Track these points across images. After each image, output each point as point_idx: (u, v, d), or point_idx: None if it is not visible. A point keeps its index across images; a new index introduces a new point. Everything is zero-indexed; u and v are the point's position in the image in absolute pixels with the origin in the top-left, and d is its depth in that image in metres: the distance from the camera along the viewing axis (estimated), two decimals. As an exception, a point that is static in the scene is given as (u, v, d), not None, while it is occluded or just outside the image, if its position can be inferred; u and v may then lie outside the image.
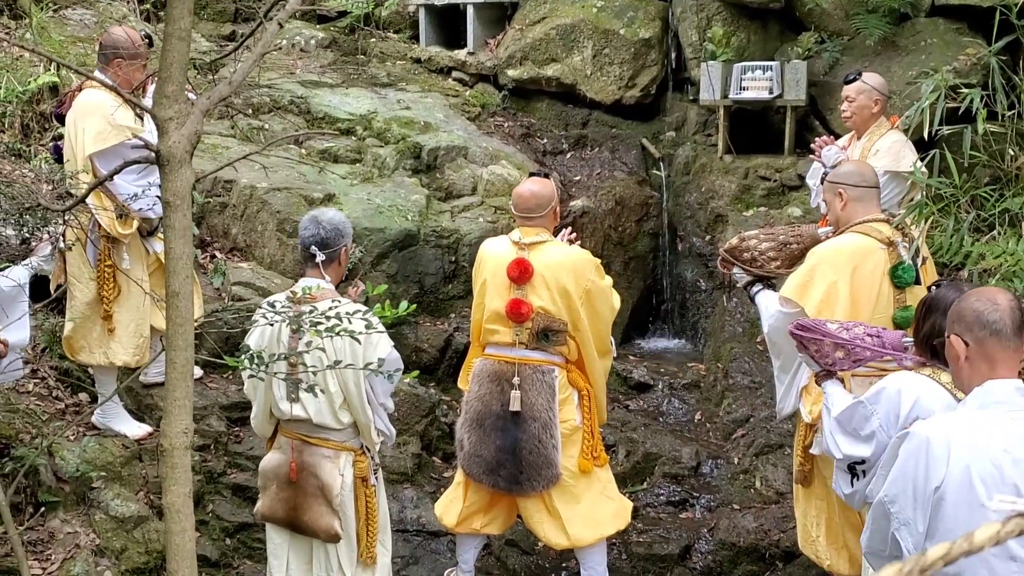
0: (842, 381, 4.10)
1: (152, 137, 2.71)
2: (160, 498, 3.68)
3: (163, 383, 2.56)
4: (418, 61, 9.73)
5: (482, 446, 4.98)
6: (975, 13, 7.43)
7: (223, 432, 5.96)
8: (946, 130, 5.13)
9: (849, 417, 3.67)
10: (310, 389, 3.57)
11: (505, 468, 4.94)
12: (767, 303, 4.75)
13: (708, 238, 8.25)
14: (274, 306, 3.79)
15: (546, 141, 9.00)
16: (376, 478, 4.53)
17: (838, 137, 6.42)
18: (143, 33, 5.53)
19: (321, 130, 8.10)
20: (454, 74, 9.58)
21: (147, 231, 5.47)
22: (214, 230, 7.34)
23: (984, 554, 2.76)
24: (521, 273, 4.89)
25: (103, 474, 5.34)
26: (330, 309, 3.34)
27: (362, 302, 4.33)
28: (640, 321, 8.52)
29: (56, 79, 7.35)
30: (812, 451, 4.56)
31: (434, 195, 7.79)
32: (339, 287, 4.48)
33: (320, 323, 3.20)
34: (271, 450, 4.53)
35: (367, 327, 3.30)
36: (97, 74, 5.19)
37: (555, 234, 5.13)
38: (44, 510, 5.17)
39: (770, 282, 4.97)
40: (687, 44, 8.71)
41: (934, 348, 3.51)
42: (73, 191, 4.79)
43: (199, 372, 6.18)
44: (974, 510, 2.69)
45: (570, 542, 5.03)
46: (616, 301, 5.17)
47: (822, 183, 5.50)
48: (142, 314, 5.56)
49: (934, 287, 3.76)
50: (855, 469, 3.72)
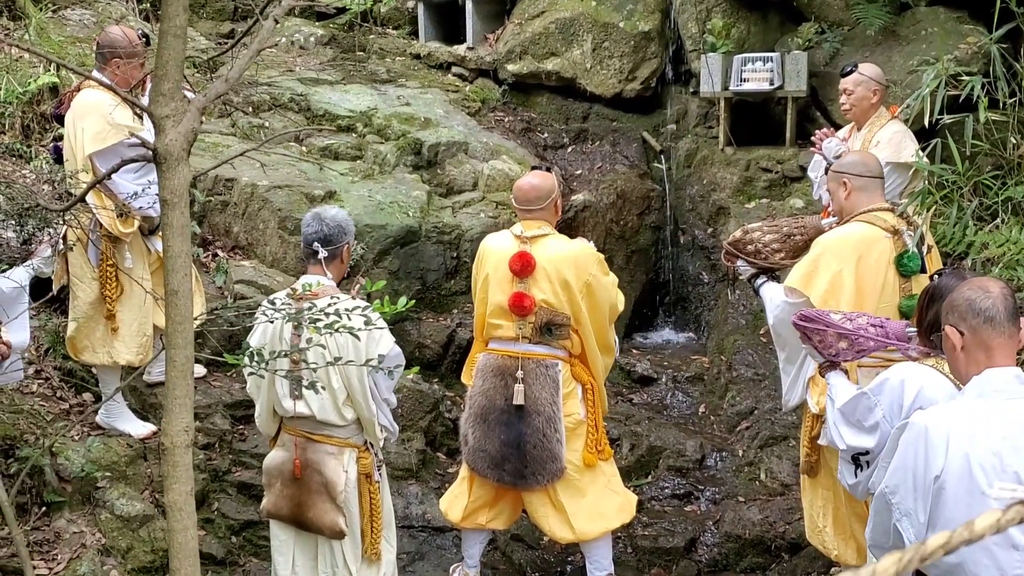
0: (847, 372, 4.09)
1: (151, 135, 2.71)
2: (165, 497, 3.70)
3: (165, 382, 2.57)
4: (417, 57, 9.73)
5: (486, 441, 4.99)
6: (975, 1, 7.40)
7: (227, 430, 5.97)
8: (947, 119, 5.12)
9: (853, 408, 3.66)
10: (311, 386, 3.57)
11: (510, 462, 4.95)
12: (772, 295, 4.74)
13: (710, 231, 8.24)
14: (274, 304, 3.79)
15: (547, 135, 8.99)
16: (380, 474, 4.54)
17: (839, 128, 6.41)
18: (140, 32, 5.53)
19: (321, 127, 8.09)
20: (454, 69, 9.56)
21: (148, 230, 5.47)
22: (216, 229, 7.34)
23: (987, 543, 2.77)
24: (523, 266, 4.88)
25: (108, 474, 5.36)
26: (329, 306, 3.34)
27: (363, 298, 4.34)
28: (643, 314, 8.52)
29: (56, 79, 7.35)
30: (820, 442, 4.56)
31: (435, 191, 7.78)
32: (341, 284, 4.48)
33: (319, 320, 3.19)
34: (275, 448, 4.54)
35: (366, 323, 3.30)
36: (95, 74, 5.19)
37: (558, 229, 5.14)
38: (50, 510, 5.18)
39: (774, 274, 4.96)
40: (687, 36, 8.70)
41: (937, 342, 3.51)
42: (73, 191, 4.79)
43: (203, 371, 6.19)
44: (974, 499, 2.69)
45: (575, 536, 5.03)
46: (620, 302, 5.16)
47: (826, 174, 5.50)
48: (145, 313, 5.57)
49: (937, 276, 3.76)
50: (859, 460, 3.71)
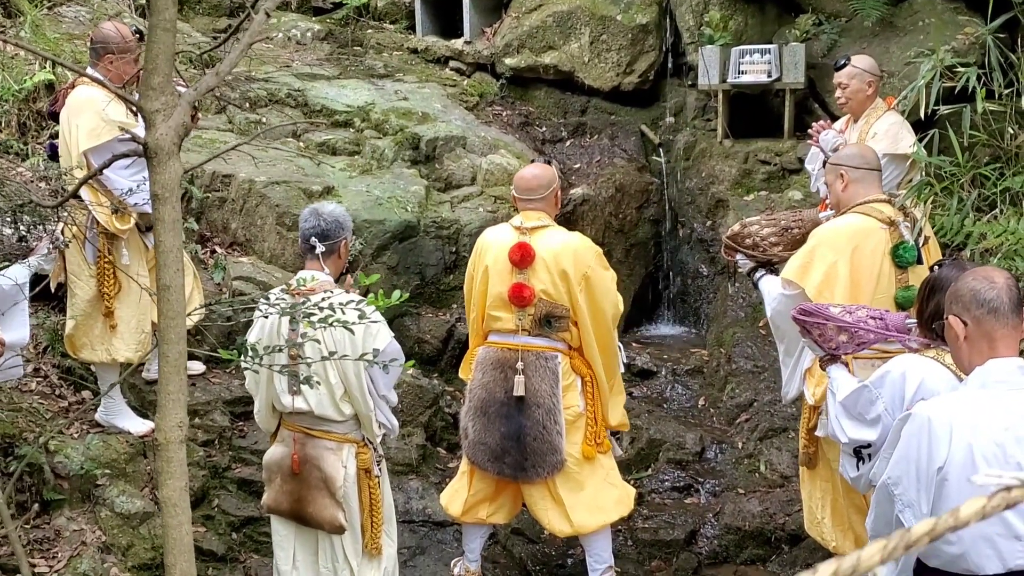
0: (846, 365, 4.09)
1: (143, 131, 2.70)
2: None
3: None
4: (415, 51, 9.70)
5: (487, 434, 4.99)
6: (972, -9, 7.40)
7: (227, 427, 5.97)
8: (944, 110, 5.11)
9: (854, 401, 3.66)
10: (306, 381, 3.57)
11: (510, 455, 4.95)
12: (770, 288, 4.74)
13: (709, 223, 8.22)
14: (270, 299, 3.78)
15: (545, 129, 8.97)
16: (380, 469, 4.54)
17: (837, 119, 6.40)
18: (134, 28, 5.51)
19: (318, 123, 8.07)
20: (451, 64, 9.54)
21: (145, 226, 5.46)
22: (214, 225, 7.33)
23: (989, 533, 2.77)
24: (523, 256, 4.88)
25: (108, 471, 5.35)
26: (323, 300, 3.33)
27: (362, 293, 4.33)
28: (642, 308, 8.51)
29: (52, 77, 7.32)
30: (817, 433, 4.56)
31: (433, 186, 7.77)
32: (339, 280, 4.48)
33: (313, 314, 3.19)
34: (274, 443, 4.53)
35: (361, 317, 3.29)
36: (89, 70, 5.18)
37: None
38: (49, 508, 5.17)
39: (773, 267, 4.96)
40: (684, 29, 8.68)
41: (939, 331, 3.50)
42: (68, 188, 4.77)
43: (202, 367, 6.19)
44: (977, 490, 2.69)
45: (573, 529, 5.03)
46: (619, 302, 5.15)
47: (823, 166, 5.49)
48: (143, 309, 5.55)
49: (936, 267, 3.75)
50: (861, 453, 3.71)
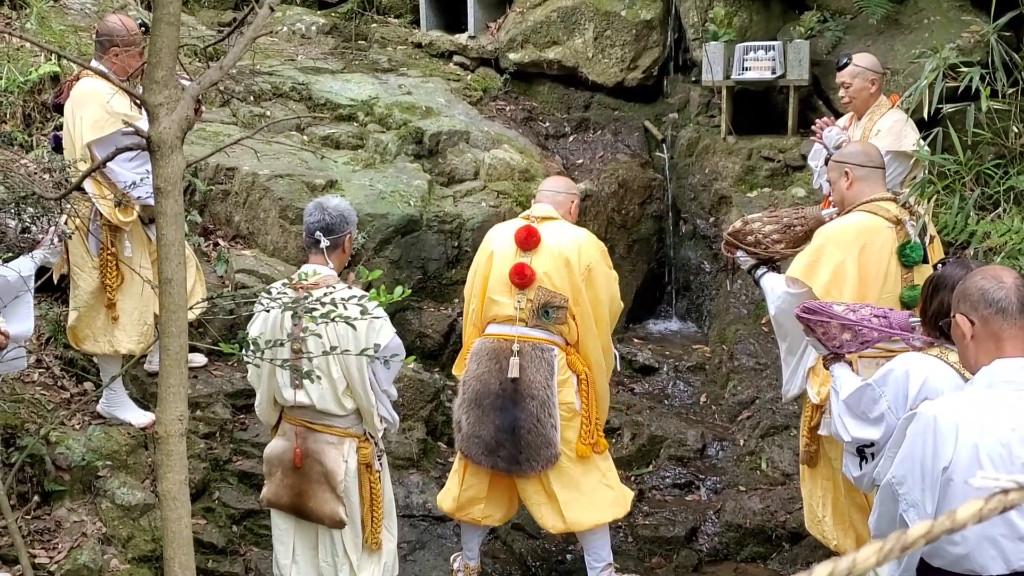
0: (850, 363, 4.08)
1: (147, 124, 2.70)
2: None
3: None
4: (419, 46, 9.69)
5: (481, 426, 4.97)
6: (977, -10, 7.38)
7: (228, 420, 5.97)
8: (948, 108, 5.11)
9: (857, 400, 3.65)
10: (308, 375, 3.56)
11: (504, 448, 4.93)
12: (773, 285, 4.73)
13: (712, 220, 8.21)
14: (272, 293, 3.78)
15: (548, 124, 8.96)
16: (380, 464, 4.54)
17: (841, 117, 6.39)
18: (139, 21, 5.51)
19: (322, 116, 8.07)
20: (455, 58, 9.53)
21: (148, 219, 5.46)
22: (217, 218, 7.33)
23: (993, 534, 2.76)
24: (528, 237, 4.95)
25: (109, 463, 5.35)
26: (325, 295, 3.33)
27: (364, 287, 4.32)
28: (644, 304, 8.50)
29: (57, 68, 7.32)
30: (820, 432, 4.55)
31: (436, 180, 7.76)
32: (343, 274, 4.48)
33: (315, 309, 3.18)
34: (275, 437, 4.53)
35: (363, 312, 3.29)
36: (94, 63, 5.17)
37: None
38: (50, 499, 5.18)
39: (774, 265, 4.95)
40: (689, 25, 8.66)
41: (942, 328, 3.49)
42: (72, 180, 4.77)
43: (204, 360, 6.18)
44: (982, 490, 2.68)
45: (566, 525, 5.02)
46: (619, 301, 5.20)
47: (826, 164, 5.48)
48: (146, 302, 5.55)
49: (940, 265, 3.74)
50: (864, 452, 3.69)
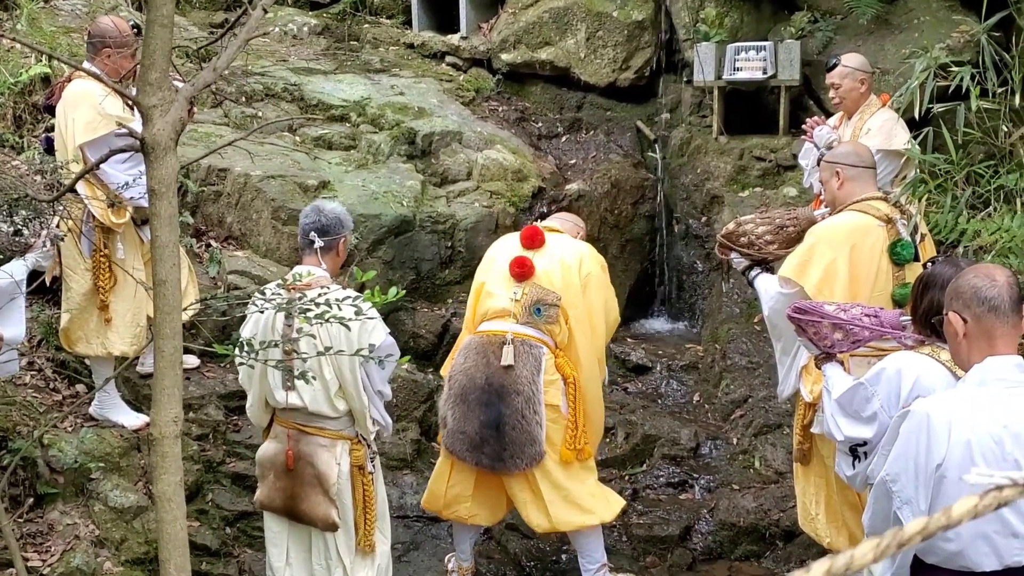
0: (841, 363, 4.09)
1: (141, 126, 2.70)
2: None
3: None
4: (411, 46, 9.69)
5: (466, 422, 4.96)
6: (967, -10, 7.40)
7: (221, 421, 5.96)
8: (939, 108, 5.12)
9: (850, 399, 3.65)
10: (301, 376, 3.56)
11: (489, 444, 4.93)
12: (766, 286, 4.74)
13: (704, 219, 8.23)
14: (265, 293, 3.78)
15: (541, 125, 8.97)
16: (374, 466, 4.53)
17: (831, 117, 6.40)
18: (132, 23, 5.50)
19: (314, 117, 8.06)
20: (448, 59, 9.53)
21: (141, 220, 5.45)
22: (209, 219, 7.32)
23: (986, 531, 2.78)
24: (532, 236, 5.07)
25: (102, 465, 5.34)
26: (319, 296, 3.33)
27: (358, 288, 4.33)
28: (638, 303, 8.51)
29: (48, 70, 7.31)
30: (813, 430, 4.56)
31: (429, 180, 7.76)
32: (336, 278, 4.49)
33: (309, 310, 3.18)
34: (267, 439, 4.53)
35: (357, 313, 3.29)
36: (86, 64, 5.16)
37: None
38: (43, 502, 5.16)
39: (768, 265, 4.96)
40: (680, 25, 8.67)
41: (933, 325, 3.50)
42: (64, 182, 4.76)
43: (196, 362, 6.18)
44: (976, 487, 2.69)
45: (551, 524, 5.01)
46: (616, 312, 5.29)
47: (818, 164, 5.49)
48: (138, 304, 5.55)
49: (930, 264, 3.76)
50: (857, 451, 3.70)
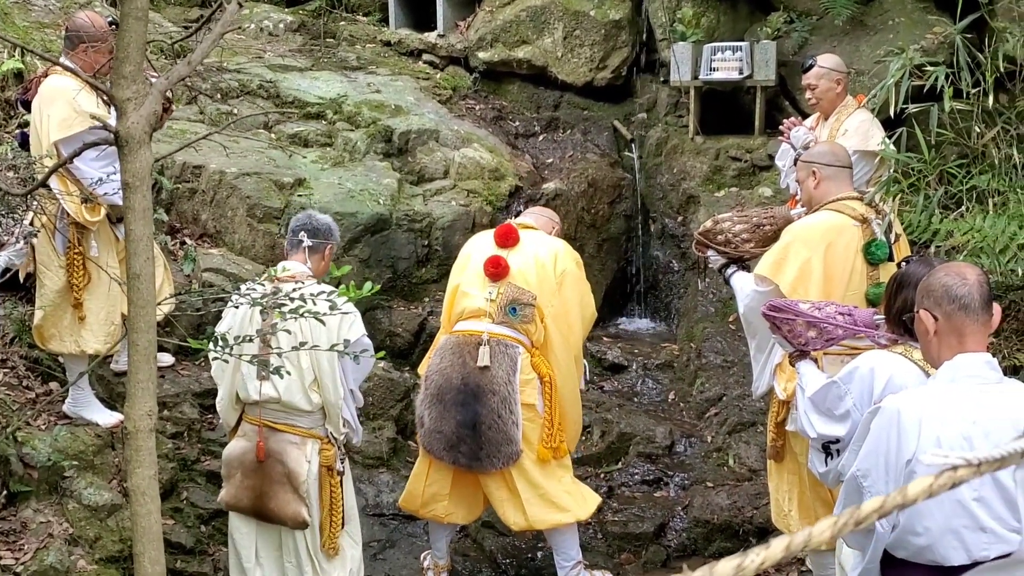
0: (815, 361, 4.12)
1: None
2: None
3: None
4: (388, 44, 9.67)
5: (442, 422, 4.98)
6: (941, -9, 7.46)
7: (196, 419, 5.94)
8: (913, 108, 5.16)
9: (823, 397, 3.68)
10: (277, 371, 3.56)
11: (465, 444, 4.95)
12: (741, 284, 4.77)
13: (680, 219, 8.26)
14: (241, 289, 3.77)
15: (518, 124, 8.97)
16: (343, 468, 4.52)
17: (808, 117, 6.45)
18: (109, 19, 5.47)
19: (291, 113, 8.03)
20: (424, 57, 9.52)
21: (116, 217, 5.42)
22: (183, 216, 7.29)
23: (956, 526, 2.81)
24: (507, 234, 5.08)
25: (75, 463, 5.31)
26: (294, 290, 3.33)
27: (333, 284, 4.32)
28: (614, 302, 8.53)
29: (21, 65, 7.25)
30: (788, 427, 4.58)
31: (406, 179, 7.75)
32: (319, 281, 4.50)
33: (284, 304, 3.19)
34: (235, 438, 4.51)
35: (332, 308, 3.30)
36: (63, 59, 5.13)
37: None
38: (16, 500, 5.13)
39: (744, 264, 4.99)
40: (657, 25, 8.70)
41: (906, 324, 3.53)
42: (38, 177, 4.73)
43: (170, 359, 6.15)
44: (931, 467, 2.72)
45: (528, 522, 5.04)
46: (592, 308, 5.36)
47: (794, 164, 5.53)
48: (112, 301, 5.51)
49: (904, 263, 3.79)
50: (830, 448, 3.73)
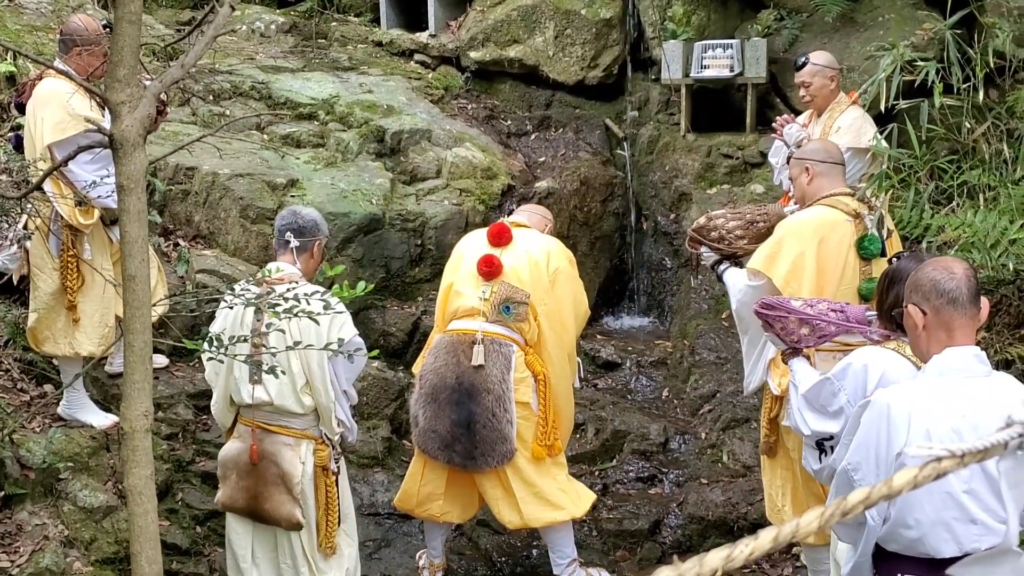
0: (808, 358, 4.13)
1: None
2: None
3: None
4: (380, 44, 9.67)
5: (437, 421, 4.98)
6: (931, -12, 7.49)
7: (191, 420, 5.95)
8: (903, 104, 5.19)
9: (817, 394, 3.70)
10: (271, 370, 3.57)
11: (460, 443, 4.95)
12: (734, 280, 4.79)
13: (672, 216, 8.28)
14: (235, 289, 3.78)
15: (510, 123, 8.98)
16: (339, 467, 4.53)
17: (799, 114, 6.47)
18: (104, 22, 5.47)
19: (283, 114, 8.04)
20: (416, 57, 9.52)
21: (110, 220, 5.43)
22: (177, 218, 7.29)
23: (946, 518, 2.83)
24: (500, 233, 5.08)
25: (70, 465, 5.31)
26: (288, 291, 3.34)
27: (326, 285, 4.33)
28: (607, 300, 8.55)
29: (13, 68, 7.26)
30: (784, 423, 4.60)
31: (398, 179, 7.76)
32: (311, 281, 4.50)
33: (278, 304, 3.20)
34: (231, 439, 4.52)
35: (325, 307, 3.31)
36: (57, 63, 5.14)
37: None
38: (11, 502, 5.13)
39: (737, 260, 5.01)
40: (648, 23, 8.72)
41: (898, 320, 3.55)
42: (32, 180, 4.74)
43: (165, 361, 6.15)
44: (916, 459, 2.74)
45: (523, 520, 5.05)
46: (586, 306, 5.35)
47: (788, 163, 5.55)
48: (107, 303, 5.52)
49: (895, 259, 3.82)
50: (824, 445, 3.74)
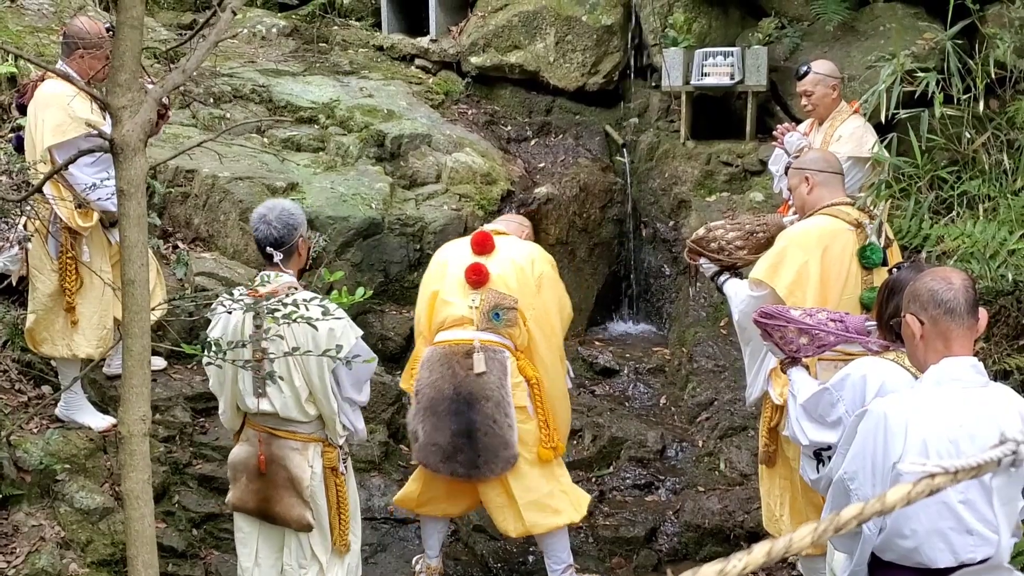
0: (807, 367, 4.13)
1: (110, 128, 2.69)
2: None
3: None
4: (380, 48, 9.69)
5: (437, 433, 4.95)
6: (932, -2, 7.50)
7: (188, 423, 5.94)
8: (904, 114, 5.20)
9: (815, 404, 3.70)
10: (270, 377, 3.56)
11: (462, 453, 4.93)
12: (735, 290, 4.78)
13: (672, 224, 8.29)
14: (233, 295, 3.78)
15: (510, 128, 8.99)
16: (346, 467, 4.53)
17: (799, 123, 6.48)
18: (106, 24, 5.47)
19: (283, 119, 8.04)
20: (417, 61, 9.54)
21: (109, 222, 5.43)
22: (176, 220, 7.29)
23: (942, 528, 2.83)
24: (483, 241, 5.08)
25: (67, 466, 5.31)
26: (286, 296, 3.34)
27: (326, 290, 4.32)
28: (605, 306, 8.56)
29: (14, 69, 7.26)
30: (784, 433, 4.59)
31: (398, 183, 7.76)
32: (302, 275, 4.47)
33: (277, 310, 3.20)
34: (239, 442, 4.52)
35: (324, 313, 3.30)
36: (60, 65, 5.14)
37: None
38: (8, 503, 5.13)
39: (737, 271, 5.01)
40: (649, 30, 8.73)
41: (896, 330, 3.55)
42: (32, 182, 4.75)
43: (163, 363, 6.15)
44: (910, 475, 2.74)
45: (525, 527, 5.04)
46: (569, 308, 5.35)
47: (786, 172, 5.55)
48: (105, 305, 5.53)
49: (896, 269, 3.82)
50: (822, 455, 3.74)
